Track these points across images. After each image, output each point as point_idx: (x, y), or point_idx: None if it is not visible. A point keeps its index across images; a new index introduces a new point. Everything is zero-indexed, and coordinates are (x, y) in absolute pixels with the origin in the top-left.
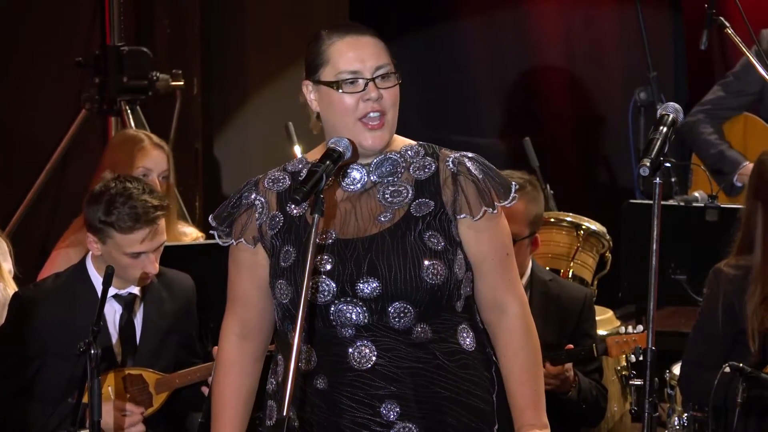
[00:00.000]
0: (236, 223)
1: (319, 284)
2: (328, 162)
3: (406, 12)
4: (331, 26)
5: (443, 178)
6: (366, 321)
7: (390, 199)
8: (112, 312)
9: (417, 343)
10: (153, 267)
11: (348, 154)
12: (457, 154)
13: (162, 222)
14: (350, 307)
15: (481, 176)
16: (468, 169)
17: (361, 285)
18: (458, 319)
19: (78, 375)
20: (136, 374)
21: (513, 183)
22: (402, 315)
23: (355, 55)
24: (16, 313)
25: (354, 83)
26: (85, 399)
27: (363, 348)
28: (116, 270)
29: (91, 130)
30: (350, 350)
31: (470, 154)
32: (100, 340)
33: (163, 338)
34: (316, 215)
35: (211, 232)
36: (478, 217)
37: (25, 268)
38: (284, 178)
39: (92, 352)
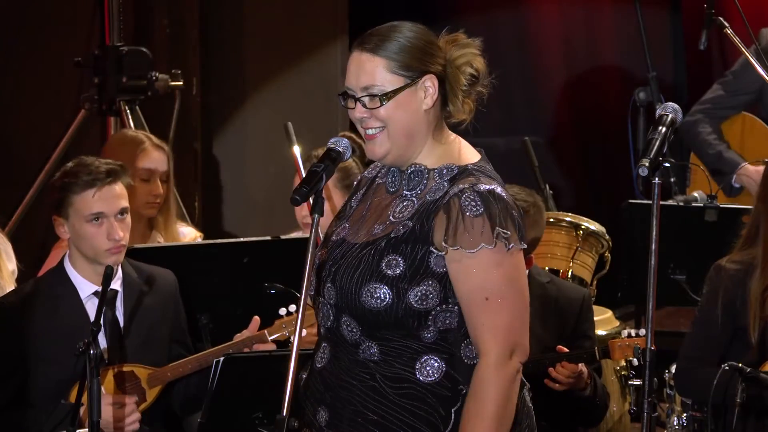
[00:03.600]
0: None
1: (313, 277)
2: (328, 162)
3: (406, 12)
4: (368, 32)
5: (438, 206)
6: (330, 324)
7: (397, 215)
8: (95, 310)
9: (361, 359)
10: (117, 233)
11: (348, 154)
12: (465, 186)
13: (118, 186)
14: (323, 307)
15: (473, 213)
16: (460, 205)
17: (326, 288)
18: (423, 349)
19: (67, 377)
20: (127, 371)
21: (505, 237)
22: (350, 328)
23: (350, 71)
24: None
25: (347, 99)
26: (83, 399)
27: (325, 349)
28: (85, 246)
29: (90, 130)
30: (322, 346)
31: (481, 188)
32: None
33: (149, 332)
34: (316, 215)
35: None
36: (442, 253)
37: (25, 268)
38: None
39: (92, 352)
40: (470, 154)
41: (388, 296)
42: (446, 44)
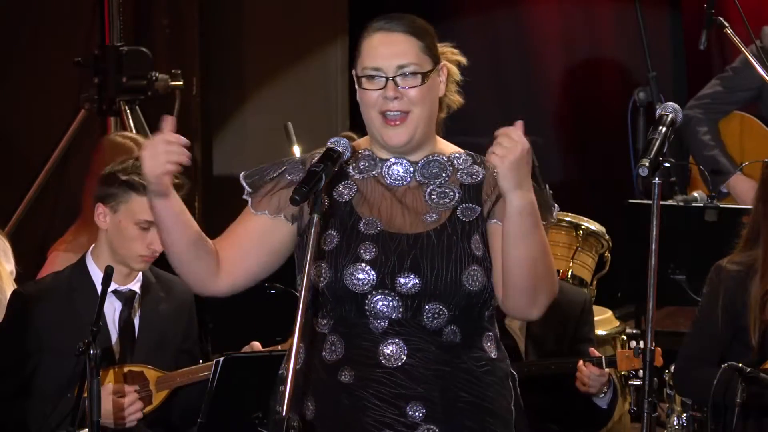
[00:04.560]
0: (273, 197)
1: (359, 272)
2: (327, 162)
3: (406, 12)
4: (380, 17)
5: (488, 184)
6: (400, 316)
7: (437, 200)
8: (112, 309)
9: (446, 345)
10: (159, 244)
11: (347, 154)
12: None
13: None
14: (386, 300)
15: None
16: None
17: (401, 279)
18: (485, 327)
19: (78, 372)
20: (137, 371)
21: (554, 205)
22: (436, 316)
23: (380, 51)
24: (16, 311)
25: (374, 79)
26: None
27: (394, 346)
28: (121, 245)
29: (90, 130)
30: (381, 347)
31: None
32: (100, 337)
33: (161, 337)
34: (316, 215)
35: (245, 197)
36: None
37: (24, 268)
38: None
39: (91, 352)
40: (456, 146)
41: (483, 277)
42: None
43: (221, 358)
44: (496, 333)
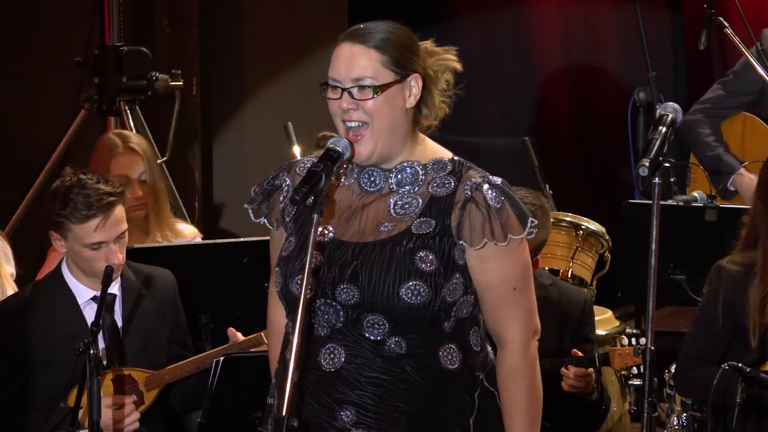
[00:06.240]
0: (268, 202)
1: (304, 280)
2: (327, 162)
3: (406, 12)
4: (356, 25)
5: (457, 200)
6: (341, 325)
7: (399, 210)
8: (93, 315)
9: (388, 355)
10: (116, 258)
11: (347, 154)
12: (479, 180)
13: (118, 210)
14: (328, 309)
15: (498, 206)
16: (483, 197)
17: (339, 290)
18: (443, 339)
19: (65, 381)
20: (125, 374)
21: (530, 219)
22: (376, 327)
23: (340, 62)
24: None
25: (334, 89)
26: (82, 400)
27: (333, 351)
28: (83, 265)
29: (90, 130)
30: (322, 350)
31: (495, 181)
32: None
33: (148, 335)
34: (316, 215)
35: (245, 206)
36: (478, 247)
37: (25, 269)
38: None
39: (91, 352)
40: (445, 150)
41: (426, 292)
42: (424, 50)
43: (221, 358)
44: (466, 344)
